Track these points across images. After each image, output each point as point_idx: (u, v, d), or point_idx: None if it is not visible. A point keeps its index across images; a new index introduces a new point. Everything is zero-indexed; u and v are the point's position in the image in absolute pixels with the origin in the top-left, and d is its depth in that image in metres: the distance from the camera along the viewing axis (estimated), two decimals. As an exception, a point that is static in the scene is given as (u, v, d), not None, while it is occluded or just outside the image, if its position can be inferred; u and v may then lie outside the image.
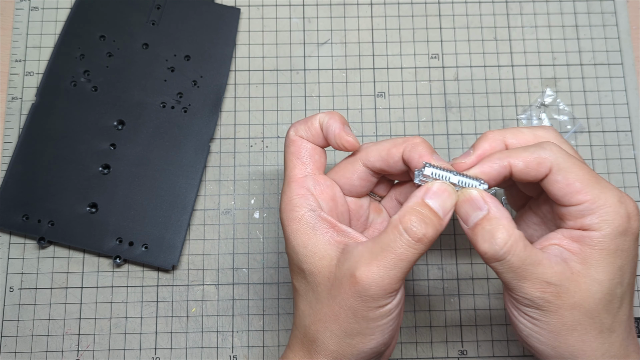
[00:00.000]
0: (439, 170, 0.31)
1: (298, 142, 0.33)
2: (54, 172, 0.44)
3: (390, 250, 0.29)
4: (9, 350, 0.42)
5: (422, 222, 0.29)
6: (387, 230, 0.30)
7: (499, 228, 0.29)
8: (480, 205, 0.30)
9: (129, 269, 0.44)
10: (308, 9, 0.49)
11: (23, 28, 0.48)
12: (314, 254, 0.31)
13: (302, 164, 0.33)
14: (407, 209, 0.30)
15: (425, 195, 0.30)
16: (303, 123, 0.34)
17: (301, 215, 0.32)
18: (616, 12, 0.48)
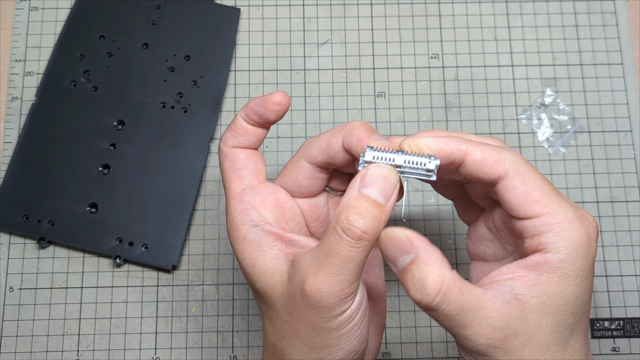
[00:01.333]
0: (381, 152, 0.28)
1: (230, 155, 0.31)
2: (54, 172, 0.44)
3: (333, 254, 0.26)
4: (9, 350, 0.42)
5: (360, 217, 0.26)
6: (327, 233, 0.27)
7: (428, 274, 0.26)
8: (406, 247, 0.27)
9: (129, 269, 0.44)
10: (308, 9, 0.49)
11: (23, 28, 0.48)
12: (264, 271, 0.29)
13: (238, 177, 0.31)
14: (343, 205, 0.27)
15: (361, 184, 0.27)
16: (228, 130, 0.31)
17: (244, 233, 0.29)
18: (616, 12, 0.48)
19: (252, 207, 0.30)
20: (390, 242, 0.27)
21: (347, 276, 0.26)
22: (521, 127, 0.46)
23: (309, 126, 0.46)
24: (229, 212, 0.30)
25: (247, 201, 0.30)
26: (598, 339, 0.42)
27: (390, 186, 0.27)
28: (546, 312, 0.27)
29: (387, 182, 0.27)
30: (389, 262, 0.28)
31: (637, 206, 0.45)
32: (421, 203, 0.45)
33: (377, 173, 0.27)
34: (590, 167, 0.45)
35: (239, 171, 0.31)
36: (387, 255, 0.27)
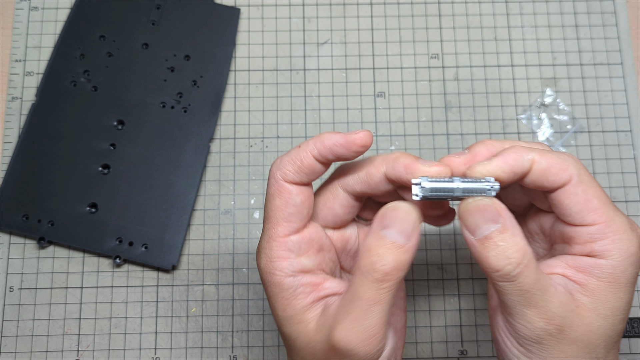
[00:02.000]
0: (438, 183, 0.27)
1: (285, 193, 0.29)
2: (54, 172, 0.44)
3: (359, 298, 0.26)
4: (9, 350, 0.42)
5: (381, 259, 0.26)
6: (353, 277, 0.26)
7: (514, 245, 0.26)
8: (494, 217, 0.26)
9: (128, 269, 0.44)
10: (308, 8, 0.49)
11: (23, 28, 0.48)
12: (293, 317, 0.28)
13: (287, 221, 0.29)
14: (365, 247, 0.26)
15: (380, 225, 0.27)
16: (291, 162, 0.29)
17: (281, 280, 0.28)
18: (616, 12, 0.48)
19: (296, 255, 0.29)
20: (477, 210, 0.27)
21: (375, 321, 0.26)
22: (521, 127, 0.46)
23: (309, 126, 0.46)
24: (267, 251, 0.29)
25: (291, 249, 0.29)
26: (598, 339, 0.42)
27: (410, 225, 0.27)
28: (599, 313, 0.27)
29: (406, 222, 0.27)
30: (465, 230, 0.27)
31: (637, 206, 0.45)
32: (421, 203, 0.45)
33: (395, 213, 0.27)
34: (590, 167, 0.45)
35: (291, 215, 0.29)
36: (468, 223, 0.27)
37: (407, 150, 0.46)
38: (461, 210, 0.27)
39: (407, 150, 0.46)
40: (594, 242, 0.27)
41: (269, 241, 0.29)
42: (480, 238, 0.26)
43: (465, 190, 0.27)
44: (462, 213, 0.27)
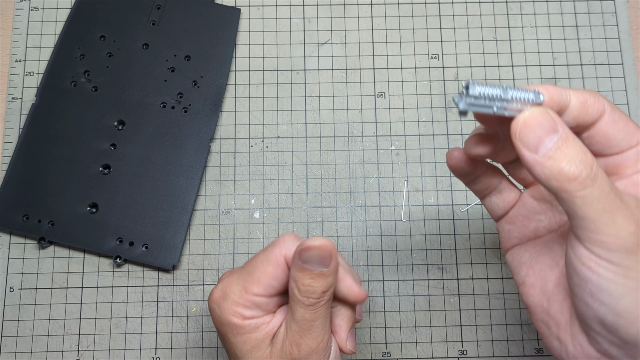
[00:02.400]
0: (487, 87, 0.26)
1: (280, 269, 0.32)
2: (54, 172, 0.44)
3: (302, 319, 0.30)
4: (9, 350, 0.42)
5: (315, 284, 0.30)
6: (291, 305, 0.31)
7: (581, 148, 0.25)
8: (553, 126, 0.25)
9: (129, 269, 0.44)
10: (308, 9, 0.49)
11: (23, 28, 0.48)
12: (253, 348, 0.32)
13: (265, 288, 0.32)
14: (294, 278, 0.30)
15: (301, 260, 0.30)
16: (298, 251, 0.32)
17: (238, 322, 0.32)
18: (616, 12, 0.48)
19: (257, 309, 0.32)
20: (537, 123, 0.25)
21: (317, 332, 0.30)
22: (521, 127, 0.46)
23: (309, 126, 0.46)
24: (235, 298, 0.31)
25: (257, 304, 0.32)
26: (598, 339, 0.42)
27: (327, 255, 0.30)
28: None
29: (323, 254, 0.30)
30: (526, 151, 0.25)
31: (637, 206, 0.45)
32: (421, 203, 0.45)
33: (310, 252, 0.30)
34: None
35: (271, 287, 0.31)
36: (530, 140, 0.25)
37: (407, 150, 0.46)
38: (519, 128, 0.25)
39: (408, 151, 0.46)
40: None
41: (242, 292, 0.31)
42: (547, 152, 0.25)
43: (512, 96, 0.26)
44: (522, 130, 0.25)
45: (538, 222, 0.31)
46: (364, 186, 0.45)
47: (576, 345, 0.27)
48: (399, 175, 0.45)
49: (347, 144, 0.46)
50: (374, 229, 0.44)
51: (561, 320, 0.28)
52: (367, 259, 0.44)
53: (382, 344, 0.42)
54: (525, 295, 0.30)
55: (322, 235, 0.44)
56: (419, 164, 0.45)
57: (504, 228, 0.32)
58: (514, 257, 0.31)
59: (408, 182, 0.45)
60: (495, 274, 0.43)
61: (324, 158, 0.46)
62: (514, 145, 0.25)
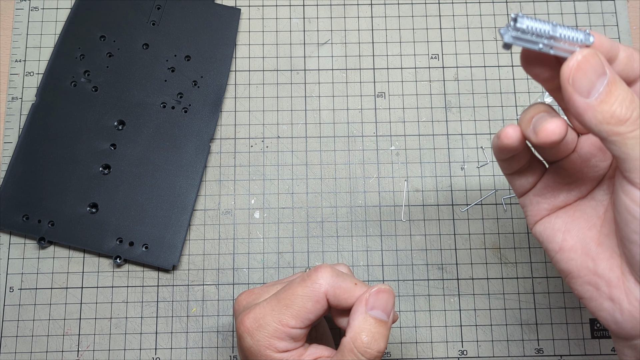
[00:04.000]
0: (536, 22, 0.25)
1: (319, 305, 0.32)
2: (54, 172, 0.44)
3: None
4: (9, 350, 0.42)
5: (374, 340, 0.30)
6: (347, 354, 0.30)
7: (627, 90, 0.25)
8: (602, 69, 0.25)
9: (129, 269, 0.44)
10: (308, 9, 0.49)
11: (23, 28, 0.48)
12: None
13: (302, 321, 0.32)
14: (356, 329, 0.31)
15: (367, 307, 0.31)
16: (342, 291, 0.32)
17: (271, 355, 0.32)
18: (616, 12, 0.48)
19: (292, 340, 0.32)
20: (590, 66, 0.25)
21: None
22: (521, 127, 0.46)
23: (309, 126, 0.46)
24: (270, 329, 0.32)
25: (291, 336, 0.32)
26: (598, 339, 0.43)
27: (390, 303, 0.31)
28: None
29: (388, 302, 0.31)
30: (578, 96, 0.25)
31: (637, 206, 0.45)
32: (421, 203, 0.45)
33: (379, 295, 0.31)
34: (590, 167, 0.45)
35: (309, 320, 0.32)
36: (583, 84, 0.25)
37: (407, 150, 0.46)
38: (573, 72, 0.25)
39: (408, 151, 0.46)
40: None
41: (277, 324, 0.32)
42: (598, 96, 0.24)
43: (561, 34, 0.25)
44: (575, 75, 0.25)
45: (569, 191, 0.30)
46: (364, 186, 0.45)
47: (632, 300, 0.27)
48: (399, 175, 0.45)
49: (347, 144, 0.46)
50: (374, 229, 0.44)
51: (612, 277, 0.28)
52: (367, 259, 0.44)
53: (382, 344, 0.42)
54: (565, 260, 0.29)
55: (323, 233, 0.44)
56: (419, 164, 0.45)
57: (532, 201, 0.31)
58: (545, 227, 0.31)
59: (408, 182, 0.45)
60: (496, 274, 0.43)
61: (324, 158, 0.46)
62: (564, 90, 0.25)
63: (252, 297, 0.34)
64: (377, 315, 0.31)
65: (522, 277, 0.43)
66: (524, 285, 0.43)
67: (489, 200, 0.45)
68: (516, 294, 0.43)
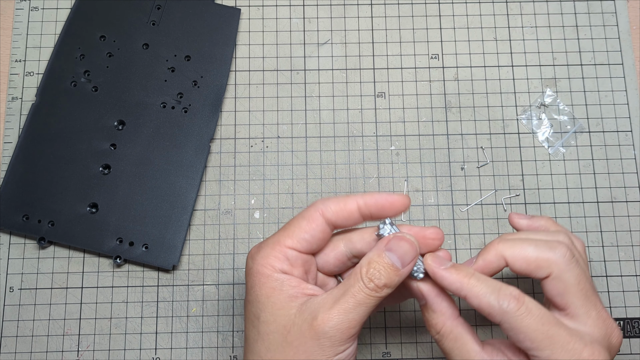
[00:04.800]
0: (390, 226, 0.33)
1: (314, 224, 0.33)
2: (54, 172, 0.44)
3: (351, 295, 0.30)
4: (9, 350, 0.42)
5: (380, 275, 0.31)
6: (351, 277, 0.31)
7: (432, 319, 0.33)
8: (420, 296, 0.34)
9: (129, 269, 0.44)
10: (308, 9, 0.49)
11: (23, 28, 0.48)
12: (275, 304, 0.32)
13: (298, 241, 0.33)
14: (368, 259, 0.31)
15: (386, 247, 0.32)
16: (335, 203, 0.33)
17: (269, 274, 0.32)
18: (616, 12, 0.48)
19: (288, 264, 0.32)
20: (413, 291, 0.34)
21: (356, 316, 0.30)
22: (521, 127, 0.46)
23: (309, 126, 0.46)
24: (267, 250, 0.32)
25: (287, 257, 0.32)
26: (598, 339, 0.42)
27: (408, 257, 0.32)
28: None
29: (406, 254, 0.32)
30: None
31: (637, 206, 0.45)
32: (421, 203, 0.45)
33: (401, 243, 0.32)
34: (590, 167, 0.45)
35: (304, 240, 0.33)
36: (413, 295, 0.34)
37: (407, 151, 0.46)
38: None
39: (408, 151, 0.46)
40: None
41: (273, 244, 0.33)
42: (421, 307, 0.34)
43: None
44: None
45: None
46: (364, 186, 0.45)
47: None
48: (399, 175, 0.45)
49: (347, 144, 0.46)
50: (374, 229, 0.44)
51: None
52: (367, 259, 0.44)
53: (382, 344, 0.42)
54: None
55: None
56: (419, 164, 0.45)
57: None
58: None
59: (408, 182, 0.45)
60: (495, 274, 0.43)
61: (324, 158, 0.46)
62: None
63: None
64: (391, 258, 0.31)
65: (521, 278, 0.43)
66: (523, 285, 0.43)
67: (489, 200, 0.45)
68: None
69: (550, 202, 0.45)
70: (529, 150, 0.46)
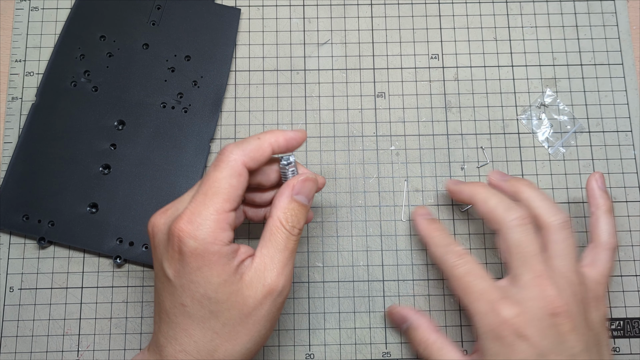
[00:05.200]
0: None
1: (242, 177, 0.33)
2: (54, 172, 0.44)
3: (285, 249, 0.33)
4: (9, 350, 0.42)
5: (297, 218, 0.34)
6: (274, 232, 0.33)
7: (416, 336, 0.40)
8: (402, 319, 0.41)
9: (129, 269, 0.44)
10: (308, 9, 0.49)
11: (23, 28, 0.48)
12: (226, 281, 0.32)
13: (234, 200, 0.32)
14: (282, 209, 0.34)
15: (294, 192, 0.34)
16: (254, 151, 0.33)
17: (219, 249, 0.31)
18: (616, 12, 0.48)
19: (230, 228, 0.32)
20: (391, 317, 0.42)
21: (292, 264, 0.34)
22: (521, 127, 0.46)
23: (309, 126, 0.46)
24: (211, 223, 0.31)
25: (230, 223, 0.32)
26: (598, 339, 0.42)
27: (313, 191, 0.35)
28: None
29: (311, 190, 0.35)
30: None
31: (637, 206, 0.45)
32: (421, 203, 0.45)
33: (307, 184, 0.35)
34: (590, 167, 0.45)
35: (238, 197, 0.33)
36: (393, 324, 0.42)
37: (407, 150, 0.46)
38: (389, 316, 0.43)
39: (408, 151, 0.46)
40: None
41: (216, 212, 0.32)
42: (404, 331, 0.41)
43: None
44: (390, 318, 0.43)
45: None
46: (364, 186, 0.45)
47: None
48: (399, 175, 0.45)
49: (347, 144, 0.46)
50: (374, 229, 0.44)
51: None
52: (367, 259, 0.44)
53: (382, 344, 0.42)
54: None
55: (323, 233, 0.44)
56: (419, 164, 0.45)
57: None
58: None
59: (408, 182, 0.45)
60: (495, 274, 0.43)
61: (324, 158, 0.46)
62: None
63: (170, 212, 0.34)
64: (300, 200, 0.34)
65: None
66: (524, 285, 0.43)
67: (489, 200, 0.45)
68: (516, 294, 0.43)
69: (550, 202, 0.45)
70: (529, 150, 0.46)
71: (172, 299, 0.32)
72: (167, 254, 0.32)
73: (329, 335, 0.43)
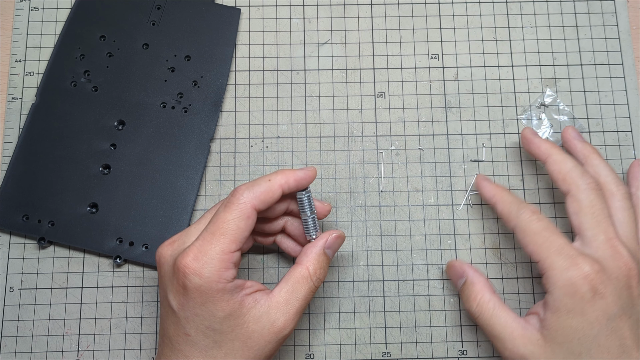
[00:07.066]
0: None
1: (251, 220, 0.34)
2: (54, 172, 0.44)
3: (304, 299, 0.35)
4: (9, 350, 0.42)
5: (324, 271, 0.36)
6: (300, 281, 0.35)
7: (472, 292, 0.38)
8: (460, 273, 0.40)
9: (129, 269, 0.44)
10: (308, 9, 0.49)
11: (23, 28, 0.48)
12: (231, 314, 0.33)
13: (240, 242, 0.34)
14: (312, 260, 0.36)
15: (326, 246, 0.37)
16: (265, 194, 0.34)
17: (224, 287, 0.33)
18: (616, 12, 0.48)
19: (234, 267, 0.34)
20: (450, 270, 0.41)
21: (303, 310, 0.36)
22: (521, 127, 0.46)
23: (309, 126, 0.46)
24: (217, 263, 0.33)
25: (235, 262, 0.34)
26: (598, 339, 0.42)
27: (338, 248, 0.38)
28: (557, 342, 0.34)
29: (338, 247, 0.38)
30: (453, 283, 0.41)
31: (637, 206, 0.45)
32: (421, 203, 0.45)
33: (338, 240, 0.37)
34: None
35: (245, 238, 0.34)
36: (451, 278, 0.42)
37: (407, 150, 0.46)
38: (447, 271, 0.42)
39: (407, 151, 0.46)
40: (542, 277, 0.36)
41: (222, 252, 0.33)
42: (459, 288, 0.40)
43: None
44: (448, 273, 0.42)
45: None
46: (364, 186, 0.45)
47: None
48: (399, 175, 0.45)
49: (347, 144, 0.46)
50: (374, 229, 0.44)
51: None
52: (367, 259, 0.44)
53: (382, 344, 0.42)
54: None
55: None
56: (419, 164, 0.45)
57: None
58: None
59: (408, 181, 0.45)
60: (495, 274, 0.43)
61: (324, 158, 0.46)
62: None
63: (177, 245, 0.35)
64: (329, 254, 0.37)
65: (521, 277, 0.43)
66: (523, 285, 0.43)
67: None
68: (516, 294, 0.43)
69: (550, 202, 0.45)
70: (529, 150, 0.46)
71: (176, 327, 0.34)
72: (172, 287, 0.33)
73: (329, 335, 0.43)
